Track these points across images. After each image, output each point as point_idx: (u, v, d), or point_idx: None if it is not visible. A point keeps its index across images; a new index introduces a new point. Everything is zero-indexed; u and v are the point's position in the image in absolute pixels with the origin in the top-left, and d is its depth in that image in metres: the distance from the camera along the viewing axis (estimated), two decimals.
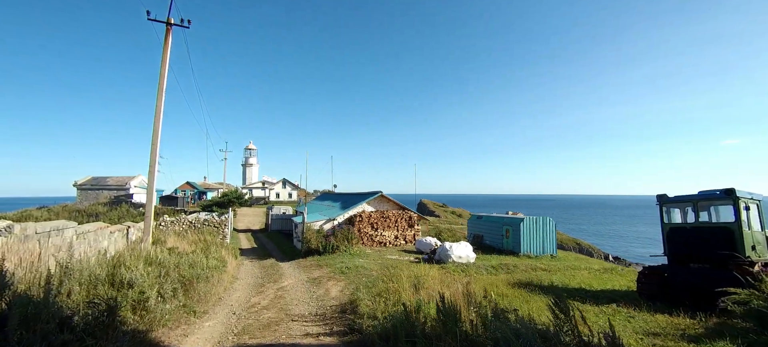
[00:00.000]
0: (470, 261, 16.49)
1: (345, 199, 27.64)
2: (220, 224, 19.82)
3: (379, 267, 14.85)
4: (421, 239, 20.52)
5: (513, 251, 21.16)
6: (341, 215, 22.32)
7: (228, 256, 15.46)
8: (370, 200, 23.41)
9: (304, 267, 15.44)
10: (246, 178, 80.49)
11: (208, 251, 14.43)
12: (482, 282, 10.87)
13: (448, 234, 27.96)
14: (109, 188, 46.72)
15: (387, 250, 20.87)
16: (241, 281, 12.68)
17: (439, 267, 14.46)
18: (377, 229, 22.30)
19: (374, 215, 22.36)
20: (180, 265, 9.31)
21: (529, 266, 16.28)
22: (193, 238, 16.97)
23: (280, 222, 35.57)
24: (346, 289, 10.63)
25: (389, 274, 11.06)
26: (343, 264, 15.30)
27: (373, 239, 22.09)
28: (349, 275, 12.82)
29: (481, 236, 23.87)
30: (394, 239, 22.71)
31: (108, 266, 7.36)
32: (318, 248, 18.59)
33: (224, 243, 17.80)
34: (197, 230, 18.62)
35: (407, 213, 23.43)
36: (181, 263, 9.63)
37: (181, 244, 14.99)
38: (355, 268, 13.92)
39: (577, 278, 13.58)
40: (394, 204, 24.09)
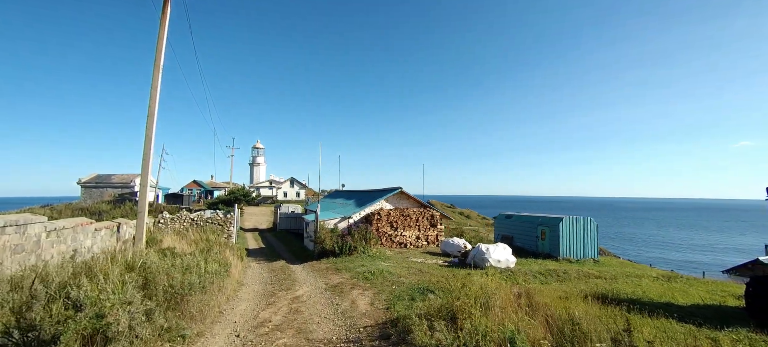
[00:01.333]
0: (510, 266, 14.31)
1: (360, 196, 25.60)
2: (224, 222, 17.93)
3: (407, 271, 12.77)
4: (448, 240, 18.38)
5: (550, 254, 18.90)
6: (357, 213, 20.28)
7: (233, 258, 13.50)
8: (388, 197, 21.33)
9: (319, 271, 13.41)
10: (253, 177, 79.13)
11: (210, 252, 12.49)
12: (548, 295, 8.69)
13: (471, 235, 25.74)
14: (114, 186, 45.39)
15: (409, 252, 18.78)
16: (248, 288, 10.68)
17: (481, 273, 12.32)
18: (397, 228, 20.21)
19: (393, 214, 20.28)
20: (171, 271, 7.32)
21: (578, 272, 14.03)
22: (195, 237, 15.05)
23: (288, 221, 33.70)
24: (376, 301, 8.54)
25: (433, 281, 8.97)
26: (364, 267, 13.24)
27: (392, 240, 20.00)
28: (375, 282, 10.74)
29: (510, 238, 21.62)
30: (415, 240, 20.59)
31: (65, 275, 5.38)
32: (333, 249, 16.57)
33: (229, 243, 15.88)
34: (200, 229, 16.77)
35: (429, 211, 21.30)
36: (173, 268, 7.64)
37: (180, 244, 13.07)
38: (380, 273, 11.84)
39: (647, 288, 11.32)
40: (414, 201, 21.98)
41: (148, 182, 12.33)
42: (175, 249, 11.56)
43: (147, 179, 12.32)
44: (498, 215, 24.20)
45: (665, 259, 36.48)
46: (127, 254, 8.06)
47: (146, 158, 12.37)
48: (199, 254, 10.20)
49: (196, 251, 11.50)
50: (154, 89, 12.53)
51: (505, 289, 6.75)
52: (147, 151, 12.39)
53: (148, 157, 12.37)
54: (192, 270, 7.98)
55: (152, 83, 12.55)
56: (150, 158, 12.37)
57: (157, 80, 12.58)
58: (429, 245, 20.80)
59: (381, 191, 22.56)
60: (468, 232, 27.23)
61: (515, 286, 10.71)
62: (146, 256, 7.76)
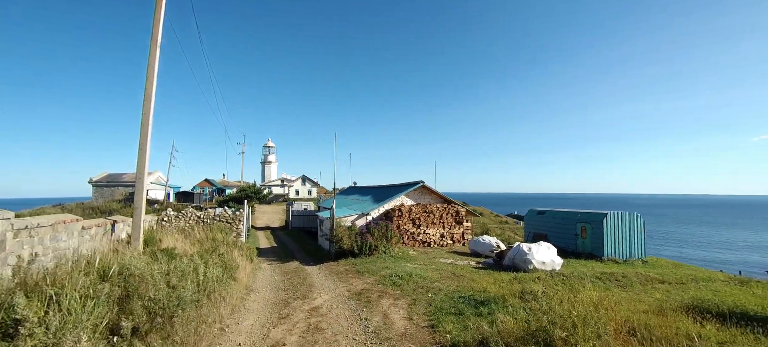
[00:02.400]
0: (556, 268, 12.45)
1: (377, 192, 23.95)
2: (233, 220, 16.52)
3: (438, 274, 11.06)
4: (477, 239, 16.58)
5: (592, 254, 16.91)
6: (375, 209, 18.64)
7: (241, 259, 12.02)
8: (409, 192, 19.62)
9: (339, 275, 11.81)
10: (265, 176, 78.47)
11: (215, 253, 11.02)
12: (630, 308, 6.86)
13: (496, 233, 23.84)
14: (125, 185, 44.83)
15: (433, 251, 17.05)
16: (257, 295, 9.13)
17: (530, 278, 10.49)
18: (419, 226, 18.48)
19: (415, 210, 18.56)
20: (159, 280, 5.78)
21: (638, 275, 12.07)
22: (200, 236, 13.64)
23: (301, 219, 32.32)
24: (414, 315, 6.87)
25: (475, 288, 7.25)
26: (388, 270, 11.59)
27: (414, 238, 18.29)
28: (406, 288, 9.06)
29: (544, 236, 19.65)
30: (440, 239, 18.83)
31: None
32: (351, 248, 14.96)
33: (238, 242, 14.44)
34: (207, 227, 15.40)
35: (454, 207, 19.50)
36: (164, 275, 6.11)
37: (182, 244, 11.64)
38: (408, 277, 10.16)
39: (736, 296, 9.33)
40: (437, 196, 20.21)
41: (145, 174, 10.90)
42: (175, 250, 10.11)
43: (144, 169, 10.90)
44: (528, 211, 22.21)
45: (688, 257, 33.80)
46: (125, 257, 6.59)
47: (143, 147, 10.94)
48: (199, 256, 8.68)
49: (198, 253, 10.03)
50: (151, 67, 11.09)
51: (608, 307, 4.94)
52: (144, 138, 10.96)
53: (145, 144, 10.94)
54: (188, 276, 6.43)
55: (149, 61, 11.12)
56: (147, 145, 10.94)
57: (155, 58, 11.14)
58: (454, 244, 19.03)
59: (401, 186, 20.86)
60: (493, 229, 25.35)
61: (567, 291, 8.91)
62: (130, 260, 6.25)
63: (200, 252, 10.33)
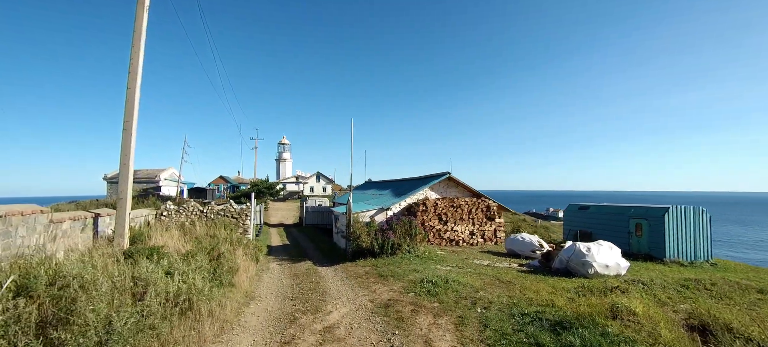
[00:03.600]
0: (621, 273, 10.22)
1: (397, 186, 22.01)
2: (239, 215, 14.89)
3: (479, 280, 9.04)
4: (515, 237, 14.43)
5: (650, 254, 14.52)
6: (396, 203, 16.70)
7: (245, 260, 10.31)
8: (433, 185, 17.59)
9: (358, 278, 9.95)
10: (280, 173, 77.77)
11: (214, 251, 9.34)
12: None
13: (529, 230, 21.53)
14: (139, 181, 44.39)
15: (463, 250, 15.00)
16: (259, 306, 7.35)
17: (599, 287, 8.32)
18: (446, 222, 16.44)
19: (442, 204, 16.53)
20: (103, 296, 4.02)
21: (725, 282, 9.72)
22: (201, 233, 12.05)
23: (315, 215, 30.74)
24: (468, 342, 4.92)
25: (536, 299, 5.24)
26: (416, 273, 9.66)
27: (441, 236, 16.27)
28: (445, 299, 7.11)
29: (588, 234, 17.30)
30: (470, 236, 16.74)
31: None
32: (371, 247, 13.09)
33: (243, 240, 12.77)
34: (210, 223, 13.86)
35: (484, 202, 17.36)
36: (104, 292, 4.36)
37: (176, 242, 10.00)
38: (444, 284, 8.19)
39: None
40: (465, 189, 18.10)
41: (131, 157, 9.27)
42: (164, 250, 8.44)
43: (129, 152, 9.27)
44: (568, 206, 19.80)
45: (747, 258, 30.44)
46: (113, 259, 4.90)
47: (128, 127, 9.31)
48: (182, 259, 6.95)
49: (191, 253, 8.33)
50: (137, 34, 9.43)
51: None
52: (129, 116, 9.33)
53: (131, 124, 9.30)
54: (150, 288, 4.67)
55: (135, 27, 9.45)
56: (133, 125, 9.30)
57: (142, 23, 9.46)
58: (486, 243, 16.91)
59: (424, 179, 18.84)
60: (525, 227, 23.03)
61: (668, 309, 6.74)
62: (73, 265, 4.51)
63: (192, 252, 8.64)
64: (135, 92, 9.30)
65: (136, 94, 9.33)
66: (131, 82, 9.31)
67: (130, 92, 9.30)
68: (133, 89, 9.30)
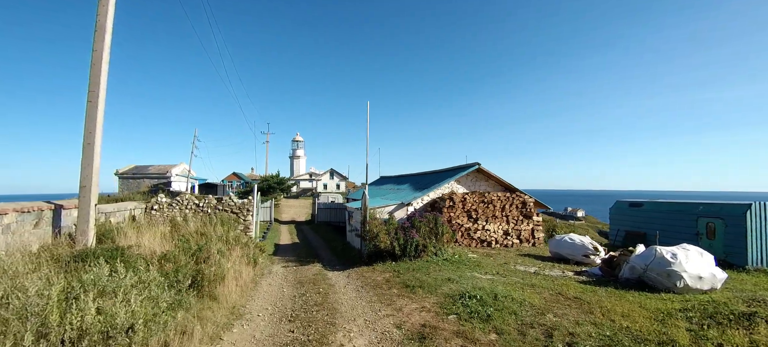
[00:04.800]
0: (716, 287, 7.89)
1: (417, 180, 19.92)
2: (240, 210, 13.15)
3: (536, 294, 6.90)
4: (562, 238, 12.14)
5: (727, 260, 12.01)
6: (418, 198, 14.63)
7: (240, 263, 8.46)
8: (460, 178, 15.42)
9: (376, 289, 7.95)
10: (293, 170, 76.76)
11: (205, 253, 7.51)
12: None
13: (566, 230, 19.09)
14: (150, 177, 43.56)
15: (498, 253, 12.82)
16: (243, 332, 5.41)
17: (696, 305, 6.06)
18: (477, 220, 14.27)
19: (471, 199, 14.36)
20: None
21: None
22: (193, 229, 10.31)
23: (328, 212, 28.98)
24: None
25: (636, 328, 3.09)
26: (452, 283, 7.61)
27: (470, 236, 14.12)
28: (504, 326, 5.03)
29: (642, 235, 14.83)
30: (504, 237, 14.52)
31: None
32: (390, 248, 11.08)
33: (243, 238, 10.96)
34: (207, 218, 12.16)
35: (519, 197, 15.08)
36: None
37: (157, 241, 8.22)
38: (494, 301, 6.10)
39: None
40: (496, 182, 15.86)
41: (97, 131, 7.48)
42: (133, 251, 6.64)
43: (96, 123, 7.47)
44: (616, 203, 17.27)
45: None
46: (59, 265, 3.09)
47: (94, 98, 7.54)
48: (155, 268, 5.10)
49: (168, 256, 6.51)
50: None
51: None
52: (95, 82, 7.56)
53: (98, 93, 7.51)
54: None
55: None
56: (99, 93, 7.50)
57: None
58: (522, 244, 14.65)
59: (450, 171, 16.68)
60: (562, 225, 20.59)
61: None
62: None
63: (169, 255, 6.80)
64: (102, 54, 7.53)
65: (104, 55, 7.55)
66: (98, 42, 7.55)
67: (96, 54, 7.54)
68: (100, 51, 7.54)
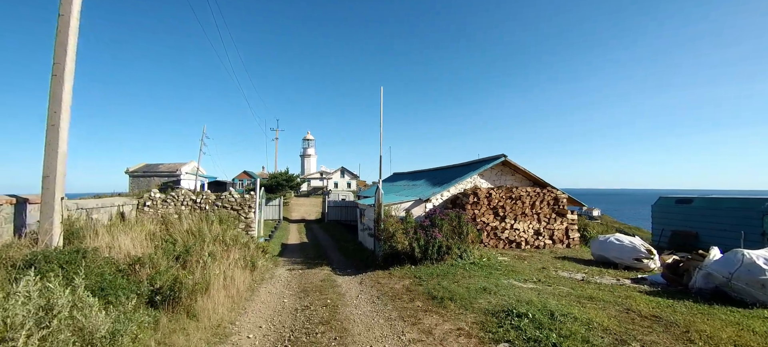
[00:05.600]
0: None
1: (434, 174, 18.45)
2: (241, 206, 11.95)
3: (604, 312, 5.40)
4: (607, 239, 10.51)
5: None
6: (437, 194, 13.18)
7: (234, 268, 7.20)
8: (484, 172, 13.90)
9: (395, 300, 6.58)
10: (304, 169, 76.18)
11: (194, 256, 6.29)
12: None
13: (599, 229, 17.33)
14: (160, 175, 43.17)
15: (530, 255, 11.28)
16: None
17: None
18: (504, 218, 12.74)
19: (497, 195, 12.82)
20: None
21: None
22: (184, 227, 9.12)
23: (338, 210, 27.77)
24: None
25: None
26: (490, 297, 6.17)
27: (497, 236, 12.60)
28: None
29: (693, 235, 13.04)
30: (534, 236, 12.94)
31: None
32: (409, 250, 9.68)
33: (242, 238, 9.73)
34: (204, 215, 11.01)
35: (551, 192, 13.46)
36: None
37: (137, 241, 7.01)
38: (550, 321, 4.65)
39: None
40: (524, 176, 14.28)
41: (63, 112, 6.28)
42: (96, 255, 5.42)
43: (61, 102, 6.30)
44: (658, 200, 15.43)
45: None
46: None
47: (59, 71, 6.38)
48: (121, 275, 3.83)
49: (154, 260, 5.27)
50: None
51: None
52: (60, 52, 6.40)
53: (64, 66, 6.35)
54: None
55: None
56: (65, 66, 6.33)
57: None
58: (555, 245, 13.05)
59: (472, 164, 15.14)
60: (594, 226, 18.82)
61: None
62: None
63: (153, 257, 5.57)
64: (70, 19, 6.33)
65: (73, 21, 6.35)
66: (65, 4, 6.36)
67: (62, 19, 6.34)
68: (67, 15, 6.34)
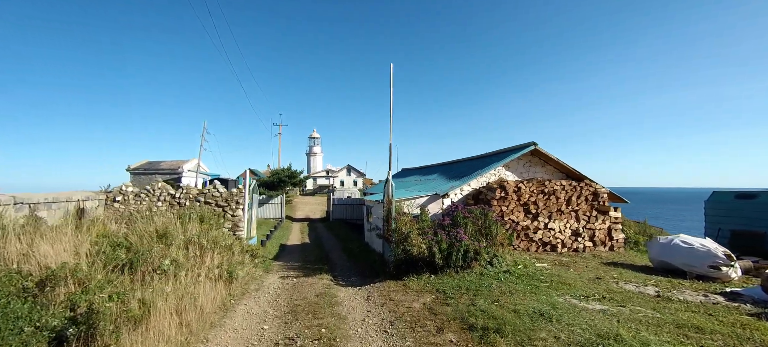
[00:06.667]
0: None
1: (449, 168, 16.56)
2: (227, 202, 10.25)
3: None
4: (669, 241, 8.55)
5: None
6: (457, 188, 11.31)
7: (202, 281, 5.48)
8: (510, 162, 12.00)
9: (414, 327, 4.78)
10: (310, 167, 74.98)
11: (144, 267, 4.54)
12: None
13: (635, 230, 15.27)
14: (162, 173, 42.03)
15: (571, 260, 9.37)
16: None
17: None
18: (536, 215, 10.84)
19: (527, 189, 10.92)
20: None
21: None
22: (151, 228, 7.45)
23: (343, 208, 26.07)
24: None
25: None
26: (554, 328, 4.32)
27: (529, 236, 10.70)
28: None
29: (760, 235, 10.98)
30: (572, 239, 11.01)
31: None
32: (429, 255, 7.85)
33: (225, 240, 8.02)
34: (182, 212, 9.34)
35: (589, 186, 11.49)
36: None
37: (72, 248, 5.31)
38: None
39: None
40: (555, 168, 12.33)
41: None
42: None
43: None
44: (712, 195, 13.31)
45: None
46: None
47: None
48: None
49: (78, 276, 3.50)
50: None
51: None
52: None
53: None
54: None
55: None
56: None
57: None
58: (596, 247, 11.11)
59: (496, 155, 13.19)
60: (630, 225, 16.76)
61: None
62: None
63: (84, 271, 3.85)
64: None
65: None
66: None
67: None
68: None
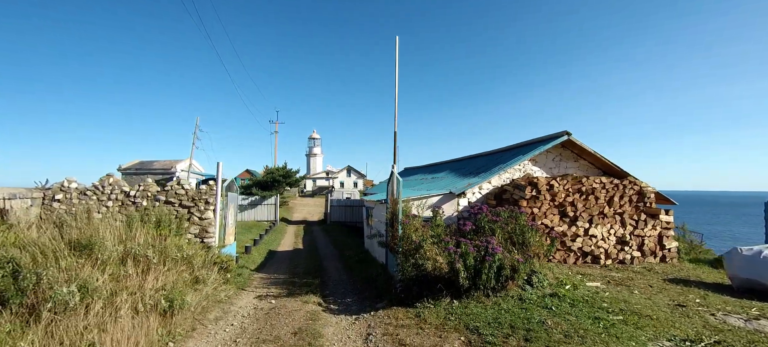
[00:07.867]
0: None
1: (460, 165, 14.61)
2: (195, 202, 8.30)
3: None
4: (757, 253, 6.62)
5: None
6: (474, 186, 9.35)
7: (108, 318, 3.58)
8: (537, 155, 10.03)
9: None
10: (310, 168, 73.33)
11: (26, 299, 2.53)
12: None
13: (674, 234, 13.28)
14: (155, 172, 40.36)
15: (620, 274, 7.40)
16: None
17: None
18: (575, 219, 8.86)
19: (561, 187, 8.95)
20: None
21: None
22: (75, 236, 5.58)
23: (341, 210, 24.17)
24: None
25: None
26: None
27: (566, 245, 8.72)
28: None
29: None
30: (617, 248, 9.02)
31: None
32: (449, 272, 5.89)
33: (179, 252, 6.12)
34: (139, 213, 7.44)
35: (633, 184, 9.49)
36: None
37: None
38: None
39: None
40: (591, 162, 10.36)
41: None
42: None
43: None
44: None
45: None
46: None
47: None
48: None
49: None
50: None
51: None
52: None
53: None
54: None
55: None
56: None
57: None
58: (646, 258, 9.13)
59: (521, 147, 11.17)
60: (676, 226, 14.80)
61: None
62: None
63: None
64: None
65: None
66: None
67: None
68: None
